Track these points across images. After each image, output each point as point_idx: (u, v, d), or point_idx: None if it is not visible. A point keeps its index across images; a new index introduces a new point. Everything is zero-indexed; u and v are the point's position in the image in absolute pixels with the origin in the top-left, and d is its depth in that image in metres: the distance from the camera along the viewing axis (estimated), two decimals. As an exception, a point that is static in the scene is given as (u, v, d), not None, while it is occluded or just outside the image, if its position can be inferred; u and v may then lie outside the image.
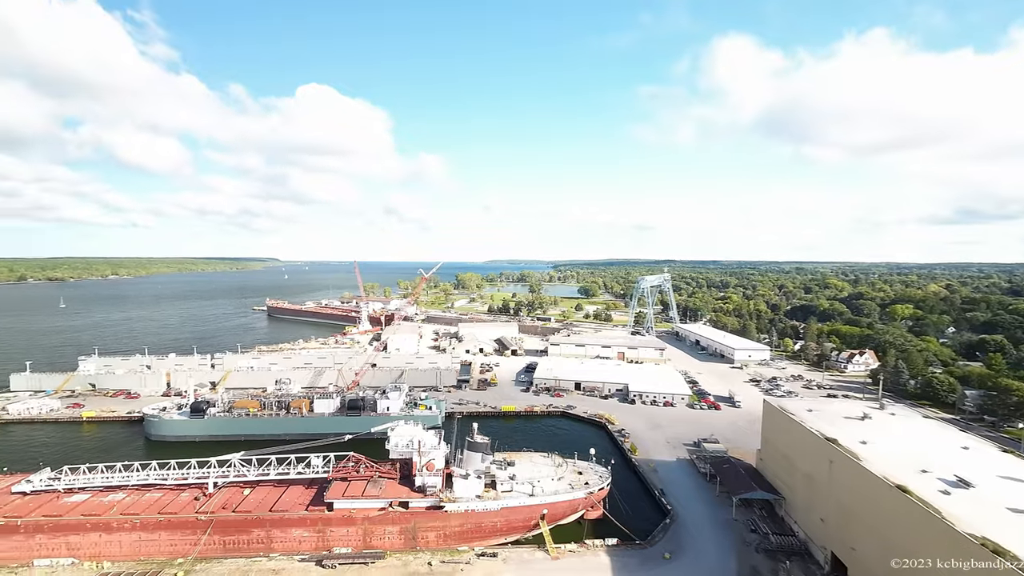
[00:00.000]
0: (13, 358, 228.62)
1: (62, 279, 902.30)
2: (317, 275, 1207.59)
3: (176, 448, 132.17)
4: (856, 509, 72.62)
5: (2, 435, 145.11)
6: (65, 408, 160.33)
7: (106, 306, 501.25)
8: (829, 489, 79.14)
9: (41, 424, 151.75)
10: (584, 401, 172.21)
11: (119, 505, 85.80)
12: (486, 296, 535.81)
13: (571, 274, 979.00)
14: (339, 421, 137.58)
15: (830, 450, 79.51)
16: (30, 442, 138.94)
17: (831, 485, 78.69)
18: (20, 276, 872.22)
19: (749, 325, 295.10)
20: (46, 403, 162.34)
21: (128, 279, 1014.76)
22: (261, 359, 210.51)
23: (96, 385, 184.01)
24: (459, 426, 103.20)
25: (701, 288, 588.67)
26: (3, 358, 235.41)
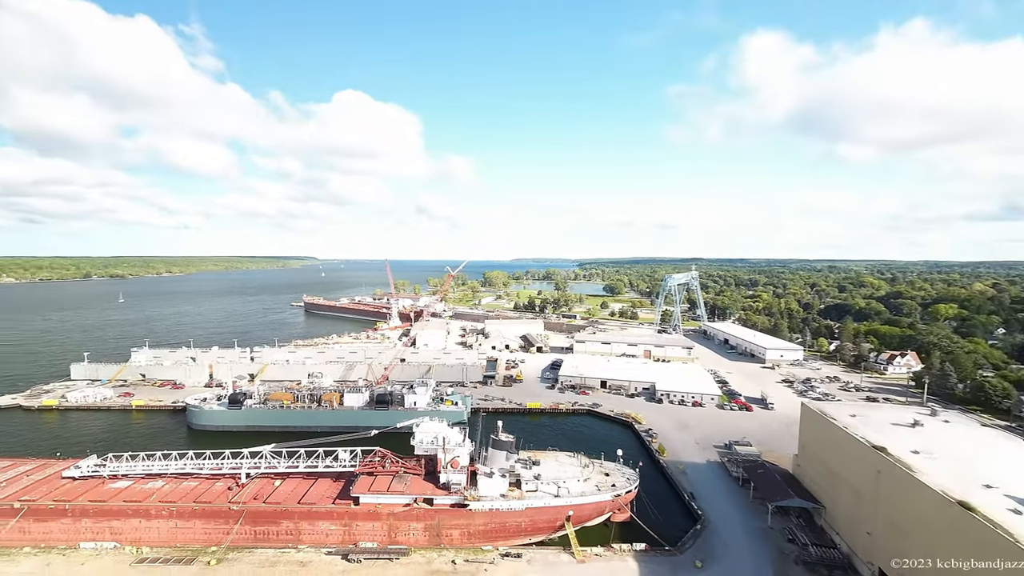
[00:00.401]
0: (74, 348, 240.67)
1: (122, 276, 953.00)
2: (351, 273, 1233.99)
3: (215, 437, 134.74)
4: (909, 525, 65.63)
5: (62, 421, 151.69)
6: (117, 397, 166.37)
7: (159, 301, 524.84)
8: (877, 501, 72.08)
9: (95, 411, 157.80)
10: (610, 399, 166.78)
11: (158, 493, 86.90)
12: (512, 293, 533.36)
13: (596, 272, 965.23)
14: (367, 415, 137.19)
15: (878, 459, 72.42)
16: (85, 428, 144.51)
17: (879, 497, 71.63)
18: (86, 274, 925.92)
19: (781, 324, 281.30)
20: (100, 392, 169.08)
21: (180, 276, 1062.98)
22: (297, 353, 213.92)
23: (146, 375, 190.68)
24: (484, 423, 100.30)
25: (728, 286, 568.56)
26: (66, 348, 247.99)
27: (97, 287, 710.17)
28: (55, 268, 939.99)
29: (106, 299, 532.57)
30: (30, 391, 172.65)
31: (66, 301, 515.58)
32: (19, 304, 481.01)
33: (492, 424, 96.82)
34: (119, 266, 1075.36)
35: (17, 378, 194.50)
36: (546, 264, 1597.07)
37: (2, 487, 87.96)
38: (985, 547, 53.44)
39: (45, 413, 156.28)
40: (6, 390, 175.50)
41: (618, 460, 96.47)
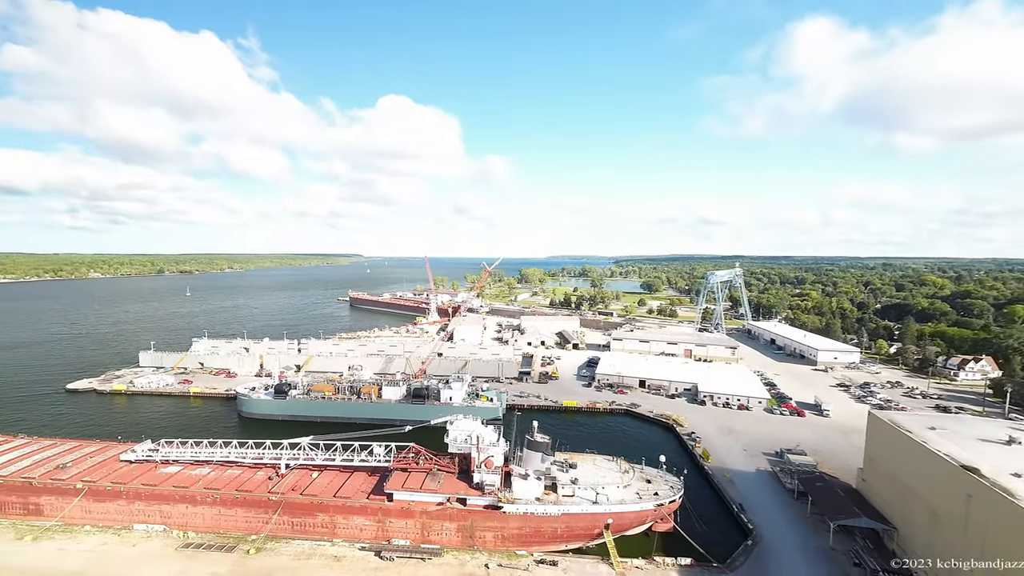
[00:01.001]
0: (144, 337, 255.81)
1: (190, 272, 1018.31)
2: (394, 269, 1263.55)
3: (261, 425, 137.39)
4: (1012, 560, 55.07)
5: (130, 404, 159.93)
6: (178, 383, 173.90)
7: (220, 295, 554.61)
8: (967, 530, 61.53)
9: (158, 396, 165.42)
10: (649, 399, 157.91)
11: (204, 479, 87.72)
12: (548, 290, 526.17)
13: (633, 269, 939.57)
14: (404, 408, 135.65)
15: (969, 482, 61.77)
16: (148, 412, 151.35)
17: (970, 524, 61.10)
18: (159, 269, 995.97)
19: (833, 324, 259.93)
20: (163, 378, 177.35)
21: (240, 272, 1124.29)
22: (340, 345, 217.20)
23: (204, 364, 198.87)
24: (519, 422, 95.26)
25: (773, 284, 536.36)
26: (137, 337, 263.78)
27: (168, 282, 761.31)
28: (134, 264, 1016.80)
29: (175, 293, 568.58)
30: (104, 376, 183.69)
31: (141, 294, 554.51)
32: (102, 296, 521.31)
33: (527, 423, 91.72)
34: (188, 263, 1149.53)
35: (94, 363, 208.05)
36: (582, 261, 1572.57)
37: (68, 468, 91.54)
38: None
39: (115, 397, 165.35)
40: (84, 374, 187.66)
41: (660, 466, 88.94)
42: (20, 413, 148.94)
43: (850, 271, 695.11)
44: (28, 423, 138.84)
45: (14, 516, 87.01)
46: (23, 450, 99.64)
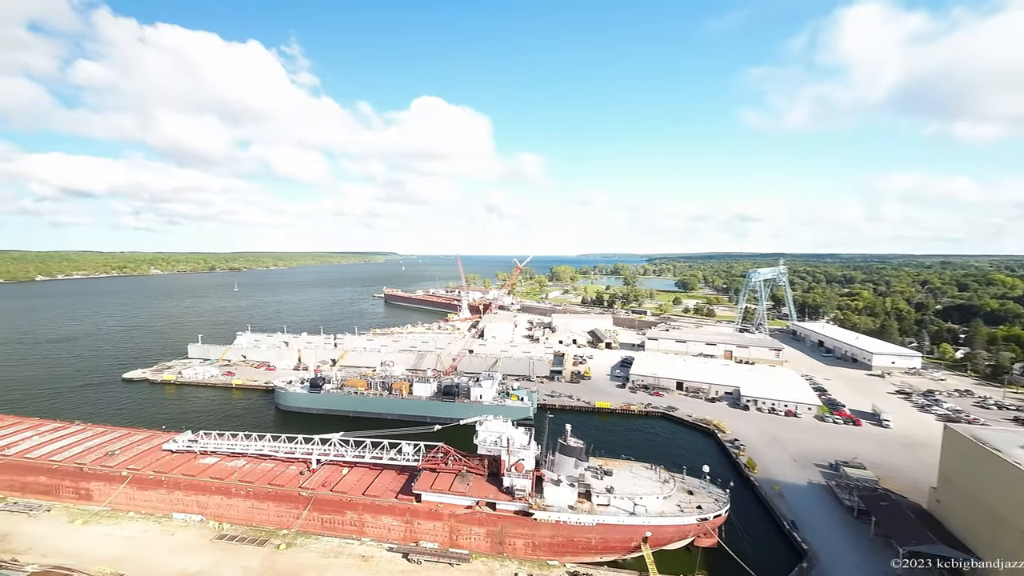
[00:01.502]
0: (194, 330, 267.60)
1: (238, 269, 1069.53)
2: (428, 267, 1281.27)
3: (297, 418, 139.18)
4: None
5: (178, 394, 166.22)
6: (221, 375, 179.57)
7: (264, 291, 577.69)
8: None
9: (203, 387, 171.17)
10: (687, 403, 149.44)
11: (239, 472, 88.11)
12: (579, 288, 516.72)
13: (667, 267, 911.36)
14: (434, 405, 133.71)
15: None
16: (194, 402, 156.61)
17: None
18: (211, 267, 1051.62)
19: (889, 326, 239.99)
20: (208, 370, 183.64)
21: (284, 269, 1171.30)
22: (374, 341, 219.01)
23: (246, 356, 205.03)
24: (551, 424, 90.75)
25: (818, 283, 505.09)
26: (188, 330, 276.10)
27: (219, 278, 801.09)
28: (189, 262, 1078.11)
29: (224, 288, 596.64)
30: (156, 366, 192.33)
31: (194, 289, 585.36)
32: (160, 292, 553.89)
33: (560, 425, 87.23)
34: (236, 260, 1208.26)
35: (149, 354, 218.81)
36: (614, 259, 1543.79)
37: (116, 455, 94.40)
38: None
39: (165, 387, 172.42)
40: (138, 364, 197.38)
41: (704, 477, 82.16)
42: (82, 399, 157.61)
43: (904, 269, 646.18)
44: (88, 409, 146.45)
45: (67, 499, 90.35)
46: (77, 436, 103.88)
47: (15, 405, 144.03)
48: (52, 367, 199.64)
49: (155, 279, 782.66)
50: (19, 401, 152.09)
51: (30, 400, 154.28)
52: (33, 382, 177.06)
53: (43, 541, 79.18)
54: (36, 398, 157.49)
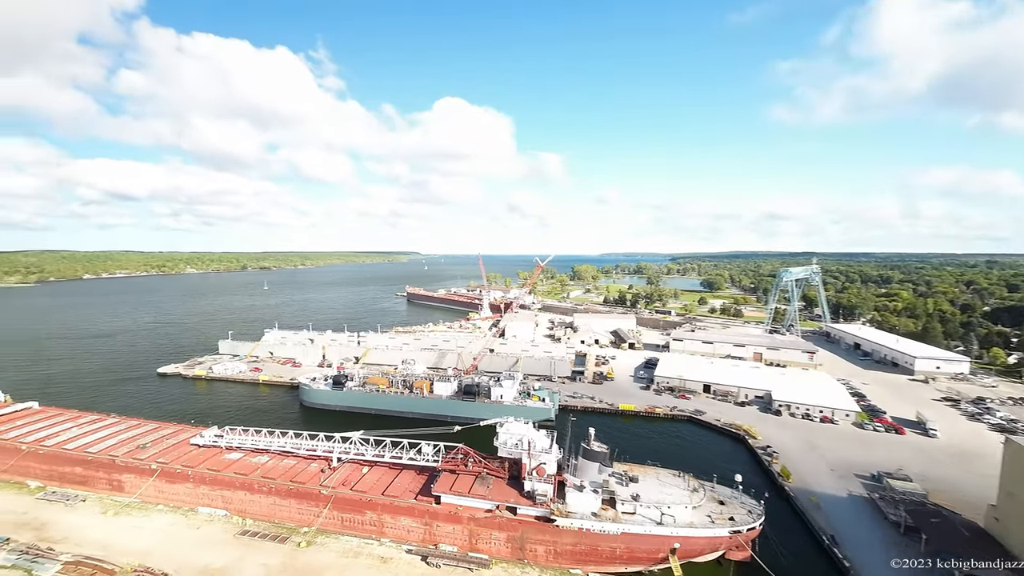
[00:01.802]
0: (225, 327, 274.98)
1: (268, 268, 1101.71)
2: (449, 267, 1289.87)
3: (321, 414, 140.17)
4: None
5: (208, 389, 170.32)
6: (249, 371, 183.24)
7: (292, 290, 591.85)
8: None
9: (232, 382, 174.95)
10: (715, 406, 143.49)
11: (262, 468, 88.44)
12: (601, 287, 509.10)
13: (691, 266, 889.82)
14: (455, 404, 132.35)
15: None
16: (223, 397, 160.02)
17: None
18: (243, 266, 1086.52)
19: (932, 329, 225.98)
20: (237, 366, 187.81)
21: (311, 268, 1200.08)
22: (396, 339, 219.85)
23: (273, 353, 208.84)
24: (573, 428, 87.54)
25: (852, 283, 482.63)
26: (219, 326, 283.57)
27: (250, 277, 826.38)
28: (222, 261, 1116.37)
29: (254, 287, 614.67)
30: (188, 361, 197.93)
31: (226, 288, 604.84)
32: (193, 290, 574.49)
33: (583, 428, 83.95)
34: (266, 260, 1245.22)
35: (182, 350, 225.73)
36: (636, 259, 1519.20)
37: (147, 448, 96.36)
38: None
39: (197, 381, 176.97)
40: (172, 360, 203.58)
41: (736, 487, 77.57)
42: (120, 392, 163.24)
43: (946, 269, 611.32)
44: (125, 401, 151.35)
45: (101, 490, 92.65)
46: (112, 429, 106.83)
47: (59, 397, 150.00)
48: (94, 361, 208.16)
49: (190, 278, 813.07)
50: (62, 393, 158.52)
51: (73, 392, 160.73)
52: (76, 375, 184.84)
53: (78, 531, 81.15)
54: (78, 390, 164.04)
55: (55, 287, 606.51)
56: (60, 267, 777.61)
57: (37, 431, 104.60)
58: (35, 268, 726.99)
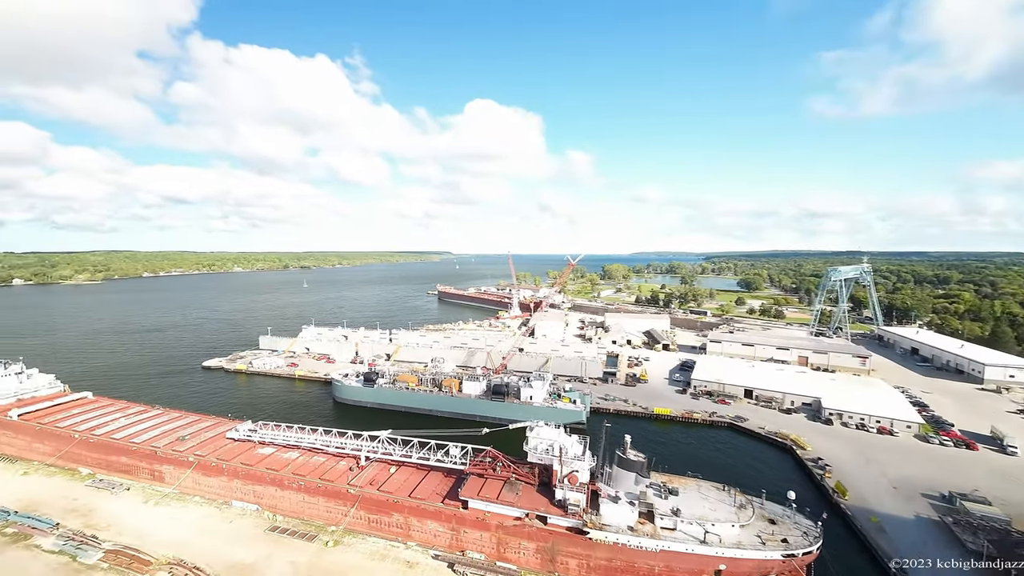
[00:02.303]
0: (265, 323, 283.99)
1: (308, 267, 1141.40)
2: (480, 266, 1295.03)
3: (353, 410, 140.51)
4: None
5: (248, 383, 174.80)
6: (286, 366, 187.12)
7: (329, 288, 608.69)
8: None
9: (270, 377, 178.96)
10: (757, 413, 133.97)
11: (292, 464, 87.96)
12: (633, 287, 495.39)
13: (727, 266, 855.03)
14: (483, 404, 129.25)
15: None
16: (261, 391, 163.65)
17: None
18: (284, 265, 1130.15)
19: (1003, 333, 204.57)
20: (275, 360, 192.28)
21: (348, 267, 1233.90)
22: (426, 337, 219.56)
23: (309, 349, 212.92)
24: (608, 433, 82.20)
25: (905, 283, 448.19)
26: (260, 323, 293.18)
27: (291, 276, 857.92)
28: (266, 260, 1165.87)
29: (295, 285, 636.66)
30: (231, 356, 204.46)
31: (269, 286, 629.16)
32: (240, 287, 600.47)
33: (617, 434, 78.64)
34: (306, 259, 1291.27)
35: (226, 344, 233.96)
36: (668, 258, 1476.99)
37: (186, 440, 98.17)
38: None
39: (238, 375, 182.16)
40: (216, 354, 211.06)
41: (788, 504, 70.12)
42: (167, 383, 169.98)
43: (1013, 268, 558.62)
44: (171, 392, 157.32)
45: (144, 479, 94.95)
46: (156, 420, 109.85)
47: (112, 387, 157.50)
48: (145, 354, 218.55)
49: (237, 276, 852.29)
50: (115, 384, 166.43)
51: (125, 383, 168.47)
52: (128, 367, 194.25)
53: (120, 519, 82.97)
54: (130, 381, 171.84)
55: (118, 284, 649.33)
56: (123, 266, 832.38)
57: (89, 420, 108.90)
58: (102, 267, 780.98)
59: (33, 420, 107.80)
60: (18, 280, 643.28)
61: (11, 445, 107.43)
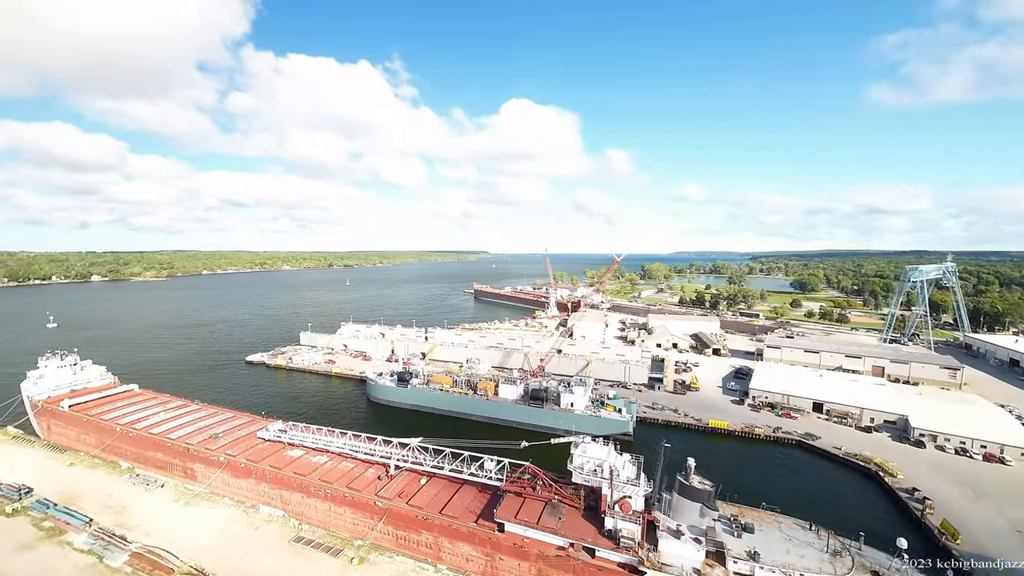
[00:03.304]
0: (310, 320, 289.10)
1: (351, 266, 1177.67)
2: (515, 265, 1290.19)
3: (385, 410, 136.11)
4: None
5: (287, 378, 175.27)
6: (324, 363, 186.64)
7: (369, 286, 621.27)
8: None
9: (308, 373, 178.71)
10: (830, 430, 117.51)
11: (320, 470, 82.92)
12: (676, 287, 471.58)
13: (777, 266, 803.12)
14: (521, 410, 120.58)
15: None
16: (299, 386, 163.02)
17: None
18: (329, 264, 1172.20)
19: None
20: (314, 357, 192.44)
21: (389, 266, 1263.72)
22: (462, 336, 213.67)
23: (347, 346, 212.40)
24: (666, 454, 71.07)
25: (989, 285, 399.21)
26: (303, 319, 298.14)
27: (335, 274, 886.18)
28: (312, 259, 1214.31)
29: (338, 283, 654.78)
30: (273, 351, 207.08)
31: (314, 284, 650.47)
32: (287, 285, 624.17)
33: (678, 454, 67.59)
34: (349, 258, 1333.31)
35: (269, 340, 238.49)
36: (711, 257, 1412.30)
37: (219, 438, 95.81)
38: None
39: (278, 371, 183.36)
40: (260, 348, 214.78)
41: (898, 554, 56.64)
42: (212, 377, 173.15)
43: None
44: (215, 385, 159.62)
45: (177, 476, 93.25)
46: (193, 415, 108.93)
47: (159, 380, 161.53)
48: (194, 348, 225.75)
49: (285, 274, 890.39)
50: (163, 376, 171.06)
51: (171, 376, 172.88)
52: (177, 360, 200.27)
53: (151, 519, 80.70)
54: (176, 374, 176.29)
55: (180, 281, 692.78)
56: (186, 264, 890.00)
57: (131, 413, 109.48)
58: (167, 265, 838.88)
59: (82, 412, 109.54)
60: (96, 277, 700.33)
61: (63, 435, 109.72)
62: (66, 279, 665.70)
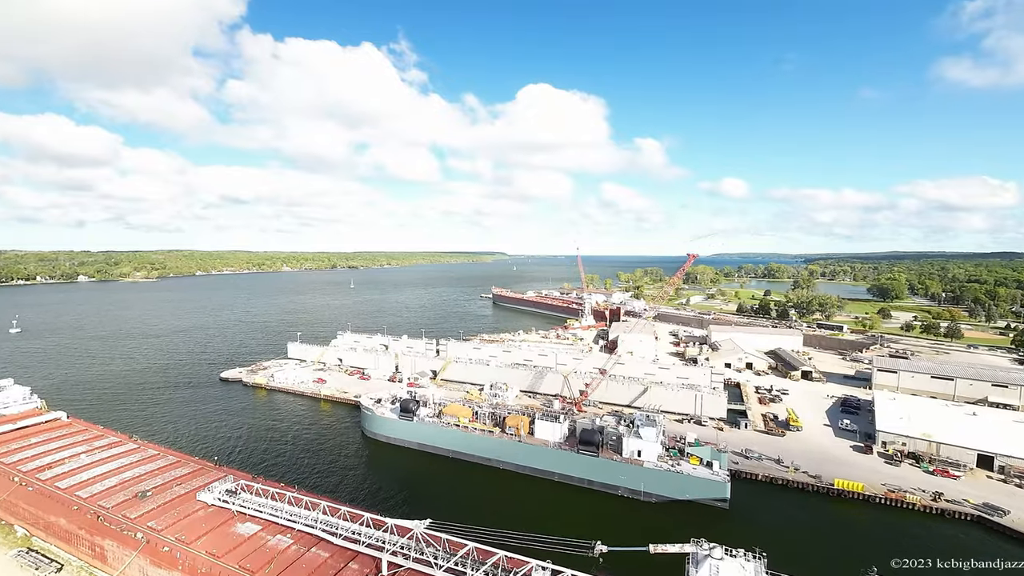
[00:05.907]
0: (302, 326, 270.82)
1: (356, 267, 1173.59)
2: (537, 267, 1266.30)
3: (384, 449, 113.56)
4: None
5: (267, 400, 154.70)
6: (312, 382, 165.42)
7: (377, 289, 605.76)
8: None
9: (293, 396, 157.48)
10: (1016, 499, 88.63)
11: (279, 560, 59.70)
12: (727, 292, 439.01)
13: (841, 268, 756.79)
14: (567, 458, 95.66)
15: None
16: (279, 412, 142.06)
17: None
18: (332, 265, 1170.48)
19: None
20: (300, 374, 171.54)
21: (396, 268, 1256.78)
22: (481, 350, 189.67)
23: (342, 361, 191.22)
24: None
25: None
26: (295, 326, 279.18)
27: (338, 275, 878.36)
28: (315, 260, 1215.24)
29: (341, 285, 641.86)
30: (252, 366, 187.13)
31: (314, 286, 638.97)
32: (284, 288, 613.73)
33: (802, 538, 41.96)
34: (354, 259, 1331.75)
35: (250, 352, 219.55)
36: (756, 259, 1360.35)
37: (147, 497, 74.11)
38: None
39: (256, 390, 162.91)
40: (239, 362, 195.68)
41: None
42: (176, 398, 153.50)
43: None
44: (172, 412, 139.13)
45: (83, 555, 71.55)
46: (125, 460, 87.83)
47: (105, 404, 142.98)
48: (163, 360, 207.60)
49: (285, 275, 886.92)
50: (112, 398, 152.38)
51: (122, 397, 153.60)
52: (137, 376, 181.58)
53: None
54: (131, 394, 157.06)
55: (171, 282, 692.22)
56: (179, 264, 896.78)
57: (44, 455, 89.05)
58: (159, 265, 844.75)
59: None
60: (83, 277, 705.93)
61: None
62: (51, 279, 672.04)
